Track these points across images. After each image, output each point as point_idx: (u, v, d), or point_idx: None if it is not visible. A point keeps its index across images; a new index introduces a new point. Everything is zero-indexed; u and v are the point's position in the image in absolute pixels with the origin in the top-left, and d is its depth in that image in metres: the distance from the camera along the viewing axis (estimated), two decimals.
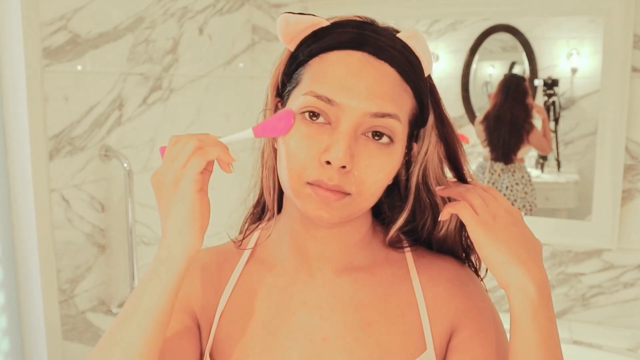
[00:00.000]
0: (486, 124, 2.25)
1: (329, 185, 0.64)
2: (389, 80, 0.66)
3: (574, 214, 2.15)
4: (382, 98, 0.65)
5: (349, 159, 0.64)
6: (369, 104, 0.64)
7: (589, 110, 2.11)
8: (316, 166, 0.65)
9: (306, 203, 0.66)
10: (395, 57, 0.67)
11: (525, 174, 2.23)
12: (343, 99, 0.64)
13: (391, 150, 0.67)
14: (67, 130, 1.44)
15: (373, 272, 0.76)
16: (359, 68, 0.66)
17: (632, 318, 1.94)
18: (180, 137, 0.65)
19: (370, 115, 0.65)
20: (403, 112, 0.67)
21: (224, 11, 2.00)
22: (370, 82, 0.65)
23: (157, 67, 1.73)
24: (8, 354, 1.41)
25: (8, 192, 1.38)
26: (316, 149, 0.65)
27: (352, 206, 0.67)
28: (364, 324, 0.73)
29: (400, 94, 0.67)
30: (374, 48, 0.67)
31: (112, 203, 1.59)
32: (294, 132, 0.66)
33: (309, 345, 0.73)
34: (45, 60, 1.37)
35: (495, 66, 2.31)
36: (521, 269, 0.65)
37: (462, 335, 0.74)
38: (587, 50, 2.10)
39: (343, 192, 0.65)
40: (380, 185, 0.68)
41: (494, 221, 0.67)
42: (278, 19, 0.71)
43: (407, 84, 0.68)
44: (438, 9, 2.06)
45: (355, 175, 0.65)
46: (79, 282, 1.51)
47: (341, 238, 0.75)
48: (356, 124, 0.65)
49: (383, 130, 0.66)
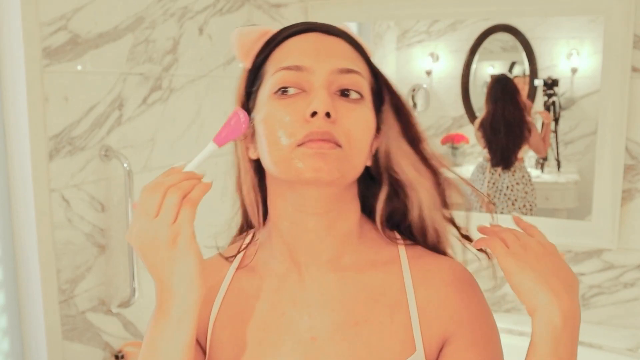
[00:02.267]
0: (483, 132, 2.26)
1: (320, 134, 0.66)
2: (343, 46, 0.73)
3: (574, 214, 2.15)
4: (343, 57, 0.71)
5: (332, 105, 0.67)
6: (334, 62, 0.70)
7: (589, 110, 2.11)
8: (302, 125, 0.67)
9: (302, 163, 0.66)
10: (343, 33, 0.74)
11: (526, 174, 2.23)
12: (309, 62, 0.69)
13: (363, 105, 0.71)
14: (67, 130, 1.44)
15: (363, 271, 0.76)
16: (315, 40, 0.72)
17: (632, 318, 1.94)
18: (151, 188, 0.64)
19: (338, 72, 0.69)
20: (364, 73, 0.73)
21: (224, 11, 2.00)
22: (329, 47, 0.72)
23: (157, 67, 1.73)
24: (8, 354, 1.41)
25: (8, 192, 1.38)
26: (297, 112, 0.68)
27: (346, 160, 0.68)
28: (353, 323, 0.73)
29: (356, 57, 0.73)
30: (323, 28, 0.74)
31: (112, 203, 1.59)
32: (270, 112, 0.69)
33: (298, 344, 0.73)
34: (45, 60, 1.37)
35: (495, 66, 2.31)
36: (549, 295, 0.64)
37: (456, 345, 0.72)
38: (587, 50, 2.10)
39: (335, 141, 0.67)
40: (363, 138, 0.70)
41: (524, 251, 0.68)
42: (231, 36, 0.75)
43: (357, 53, 0.74)
44: (438, 9, 2.06)
45: (342, 126, 0.68)
46: (79, 282, 1.50)
47: (332, 226, 0.74)
48: (327, 82, 0.69)
49: (351, 87, 0.70)
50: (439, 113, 2.34)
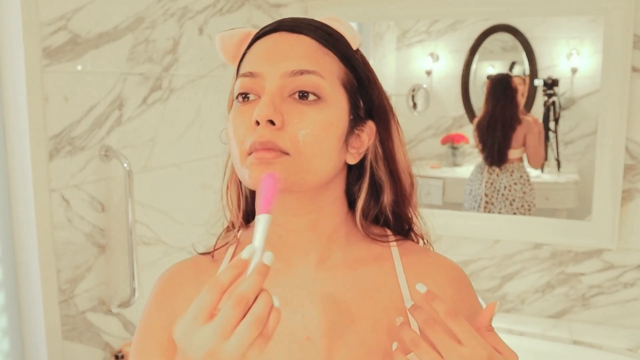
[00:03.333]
0: (479, 131, 2.26)
1: (262, 144, 0.65)
2: (304, 44, 0.70)
3: (574, 214, 2.15)
4: (297, 59, 0.68)
5: (273, 113, 0.65)
6: (286, 65, 0.68)
7: (589, 110, 2.11)
8: (250, 133, 0.67)
9: (250, 172, 0.66)
10: (310, 29, 0.71)
11: (524, 174, 2.23)
12: (262, 68, 0.68)
13: (322, 107, 0.68)
14: (67, 130, 1.44)
15: (355, 268, 0.76)
16: (274, 42, 0.71)
17: (632, 318, 1.94)
18: (235, 300, 0.55)
19: (290, 75, 0.67)
20: (327, 72, 0.69)
21: (224, 11, 2.00)
22: (284, 49, 0.69)
23: (157, 67, 1.73)
24: (8, 354, 1.41)
25: (8, 192, 1.38)
26: (248, 120, 0.68)
27: (294, 167, 0.66)
28: (347, 322, 0.73)
29: (319, 56, 0.70)
30: (289, 27, 0.71)
31: (112, 203, 1.59)
32: (231, 119, 0.70)
33: (293, 345, 0.72)
34: (45, 60, 1.37)
35: (495, 66, 2.31)
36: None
37: None
38: (587, 50, 2.10)
39: (279, 150, 0.66)
40: (318, 142, 0.67)
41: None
42: (216, 41, 0.76)
43: (327, 49, 0.71)
44: (438, 8, 2.06)
45: (288, 132, 0.66)
46: (79, 282, 1.51)
47: (315, 227, 0.74)
48: (279, 86, 0.67)
49: (307, 88, 0.68)
50: (438, 113, 2.34)
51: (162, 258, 1.80)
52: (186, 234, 1.90)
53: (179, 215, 1.87)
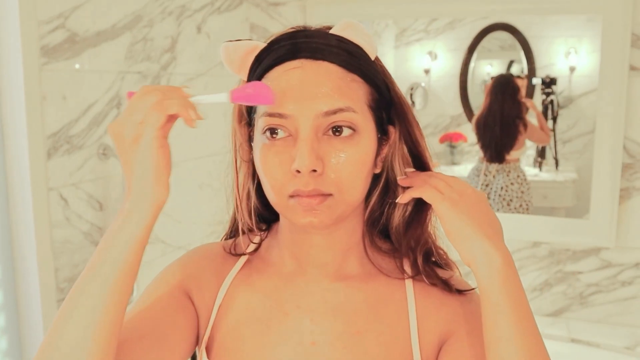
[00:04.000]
0: (477, 127, 2.26)
1: (307, 192, 0.66)
2: (331, 76, 0.67)
3: (572, 213, 2.15)
4: (329, 96, 0.66)
5: (315, 161, 0.65)
6: (319, 105, 0.66)
7: (587, 109, 2.12)
8: (291, 179, 0.66)
9: (294, 214, 0.68)
10: (332, 53, 0.68)
11: (521, 173, 2.23)
12: (293, 110, 0.66)
13: (357, 141, 0.68)
14: (65, 129, 1.44)
15: (367, 280, 0.77)
16: (299, 76, 0.67)
17: (630, 316, 1.94)
18: (149, 88, 0.62)
19: (323, 115, 0.66)
20: (356, 102, 0.68)
21: (222, 9, 2.00)
22: (313, 85, 0.67)
23: (155, 66, 1.73)
24: (6, 353, 1.41)
25: (6, 190, 1.38)
26: (286, 162, 0.67)
27: (338, 205, 0.68)
28: (353, 332, 0.74)
29: (347, 86, 0.68)
30: (309, 52, 0.68)
31: (110, 202, 1.59)
32: (263, 157, 0.69)
33: (298, 347, 0.74)
34: (43, 58, 1.37)
35: (494, 65, 2.31)
36: (487, 242, 0.66)
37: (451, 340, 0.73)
38: (585, 48, 2.10)
39: (323, 194, 0.66)
40: (357, 177, 0.68)
41: (460, 198, 0.68)
42: (220, 52, 0.74)
43: (353, 74, 0.69)
44: (436, 7, 2.06)
45: (330, 176, 0.66)
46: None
47: (336, 243, 0.75)
48: (314, 128, 0.66)
49: (342, 124, 0.67)
50: (437, 111, 2.34)
51: (160, 257, 1.80)
52: (184, 232, 1.90)
53: (177, 214, 1.87)
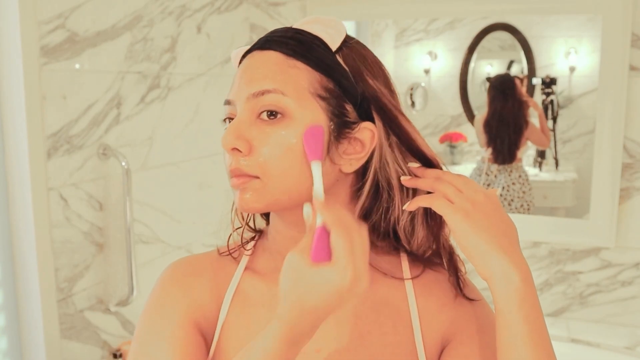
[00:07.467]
0: (487, 129, 2.26)
1: (233, 171, 0.68)
2: (269, 62, 0.69)
3: (572, 213, 2.15)
4: (259, 79, 0.68)
5: (235, 140, 0.67)
6: (250, 87, 0.68)
7: (587, 109, 2.12)
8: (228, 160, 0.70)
9: (234, 195, 0.70)
10: (280, 43, 0.70)
11: (523, 173, 2.23)
12: (233, 94, 0.71)
13: (285, 124, 0.67)
14: (65, 129, 1.44)
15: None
16: (245, 66, 0.72)
17: (630, 316, 1.94)
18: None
19: (252, 97, 0.68)
20: (290, 86, 0.68)
21: (222, 9, 2.00)
22: (251, 71, 0.70)
23: (155, 66, 1.73)
24: (6, 353, 1.41)
25: (6, 190, 1.38)
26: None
27: (267, 189, 0.67)
28: (357, 335, 0.73)
29: (284, 71, 0.69)
30: (262, 44, 0.72)
31: (110, 201, 1.59)
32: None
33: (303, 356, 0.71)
34: (43, 58, 1.37)
35: (494, 65, 2.31)
36: (505, 259, 0.63)
37: (453, 343, 0.73)
38: (585, 48, 2.10)
39: (247, 175, 0.67)
40: (283, 162, 0.67)
41: (473, 207, 0.65)
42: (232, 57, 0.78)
43: (294, 60, 0.69)
44: (436, 7, 2.06)
45: (258, 159, 0.67)
46: (77, 280, 1.50)
47: None
48: (247, 111, 0.68)
49: (271, 108, 0.67)
50: (437, 112, 2.34)
51: (160, 256, 1.80)
52: (184, 232, 1.90)
53: (177, 214, 1.87)
